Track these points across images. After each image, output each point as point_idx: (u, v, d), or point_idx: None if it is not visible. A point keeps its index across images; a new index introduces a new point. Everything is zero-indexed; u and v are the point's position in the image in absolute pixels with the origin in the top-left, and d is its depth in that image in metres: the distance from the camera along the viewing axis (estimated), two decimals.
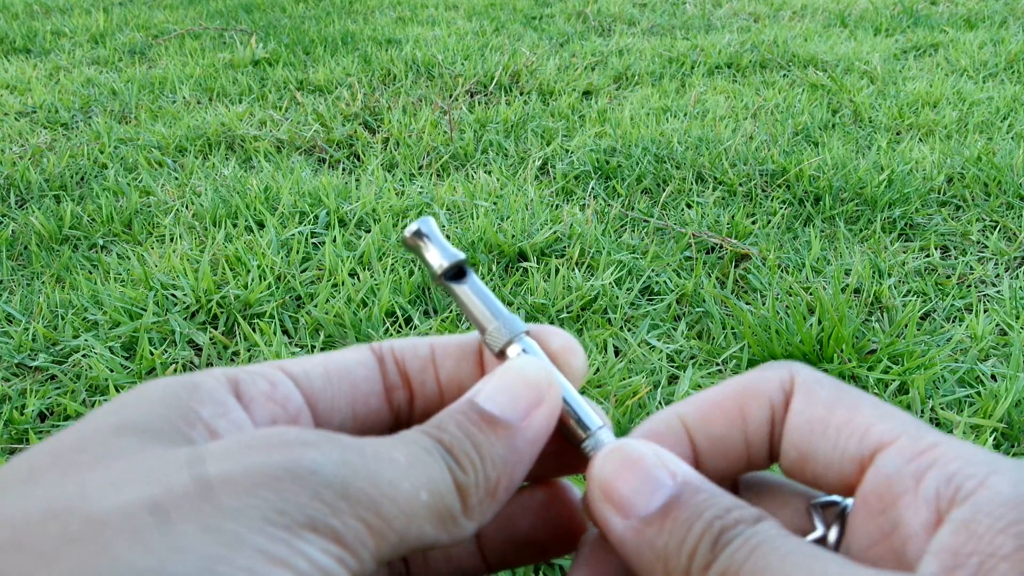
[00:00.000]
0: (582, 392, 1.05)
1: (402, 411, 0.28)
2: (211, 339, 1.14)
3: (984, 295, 1.23)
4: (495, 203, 1.49)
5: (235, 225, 1.45)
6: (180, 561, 0.17)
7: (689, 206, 1.53)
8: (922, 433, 0.22)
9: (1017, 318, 1.14)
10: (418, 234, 0.27)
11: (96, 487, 0.18)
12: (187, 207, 1.54)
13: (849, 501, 0.24)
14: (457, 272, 0.27)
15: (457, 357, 0.28)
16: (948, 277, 1.27)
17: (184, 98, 2.24)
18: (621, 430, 0.92)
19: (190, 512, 0.18)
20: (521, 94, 2.21)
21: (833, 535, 0.24)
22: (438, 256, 0.27)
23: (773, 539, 0.20)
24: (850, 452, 0.23)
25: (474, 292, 0.27)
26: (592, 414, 0.26)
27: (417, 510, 0.21)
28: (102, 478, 0.19)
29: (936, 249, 1.36)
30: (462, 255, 0.27)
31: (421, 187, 1.60)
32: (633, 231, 1.43)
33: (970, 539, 0.19)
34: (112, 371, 1.07)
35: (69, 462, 0.20)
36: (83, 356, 1.10)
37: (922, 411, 0.96)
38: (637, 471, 0.23)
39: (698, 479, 0.23)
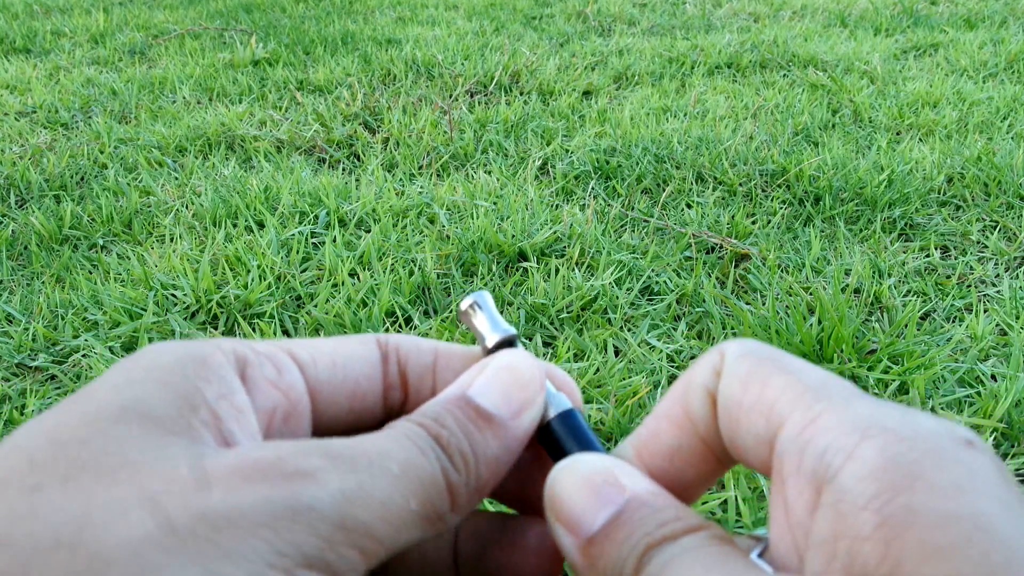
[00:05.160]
0: (582, 392, 1.05)
1: (393, 411, 0.28)
2: None
3: (984, 295, 1.23)
4: (495, 203, 1.49)
5: (235, 225, 1.45)
6: None
7: (689, 206, 1.53)
8: (816, 401, 0.20)
9: (1017, 318, 1.14)
10: (475, 307, 0.27)
11: (101, 510, 0.19)
12: (187, 207, 1.54)
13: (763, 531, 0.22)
14: (507, 347, 0.27)
15: (457, 371, 0.28)
16: (948, 277, 1.27)
17: (184, 98, 2.24)
18: (621, 430, 0.92)
19: (192, 552, 0.18)
20: (521, 94, 2.21)
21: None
22: (491, 331, 0.27)
23: (683, 555, 0.19)
24: (760, 434, 0.21)
25: None
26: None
27: (406, 519, 0.21)
28: (107, 498, 0.19)
29: (936, 249, 1.36)
30: (513, 330, 0.27)
31: (421, 187, 1.60)
32: (633, 231, 1.43)
33: (838, 523, 0.17)
34: None
35: (72, 462, 0.20)
36: (83, 356, 1.10)
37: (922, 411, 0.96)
38: (585, 489, 0.22)
39: (648, 492, 0.22)
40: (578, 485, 0.23)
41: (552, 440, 0.26)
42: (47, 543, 0.18)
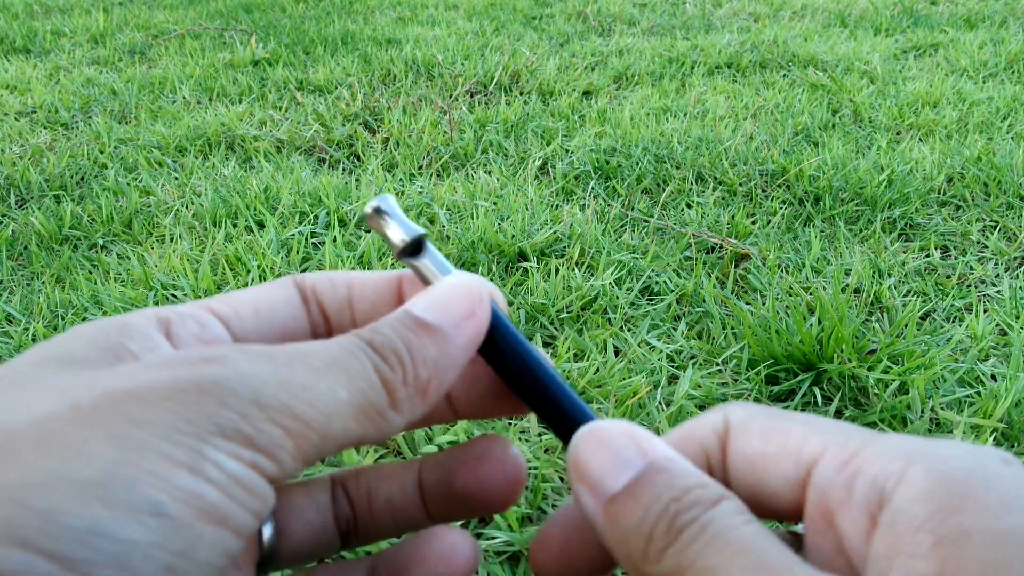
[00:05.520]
0: (581, 393, 1.05)
1: None
2: None
3: (984, 295, 1.23)
4: (495, 203, 1.49)
5: (235, 225, 1.45)
6: (85, 464, 0.17)
7: (689, 206, 1.53)
8: (848, 439, 0.22)
9: (1017, 318, 1.14)
10: (378, 211, 0.27)
11: (9, 404, 0.19)
12: (187, 207, 1.54)
13: (800, 527, 0.23)
14: (417, 247, 0.27)
15: (373, 299, 0.28)
16: (948, 277, 1.27)
17: (184, 98, 2.24)
18: None
19: (97, 421, 0.18)
20: (521, 94, 2.21)
21: None
22: (399, 232, 0.27)
23: (727, 531, 0.20)
24: (789, 477, 0.23)
25: (435, 265, 0.27)
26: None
27: (336, 408, 0.21)
28: (16, 398, 0.20)
29: (936, 249, 1.36)
30: (421, 229, 0.27)
31: (421, 187, 1.60)
32: (633, 231, 1.43)
33: (895, 542, 0.19)
34: None
35: None
36: None
37: (922, 411, 0.96)
38: (607, 450, 0.23)
39: (667, 459, 0.23)
40: (599, 448, 0.23)
41: (491, 349, 0.26)
42: None
